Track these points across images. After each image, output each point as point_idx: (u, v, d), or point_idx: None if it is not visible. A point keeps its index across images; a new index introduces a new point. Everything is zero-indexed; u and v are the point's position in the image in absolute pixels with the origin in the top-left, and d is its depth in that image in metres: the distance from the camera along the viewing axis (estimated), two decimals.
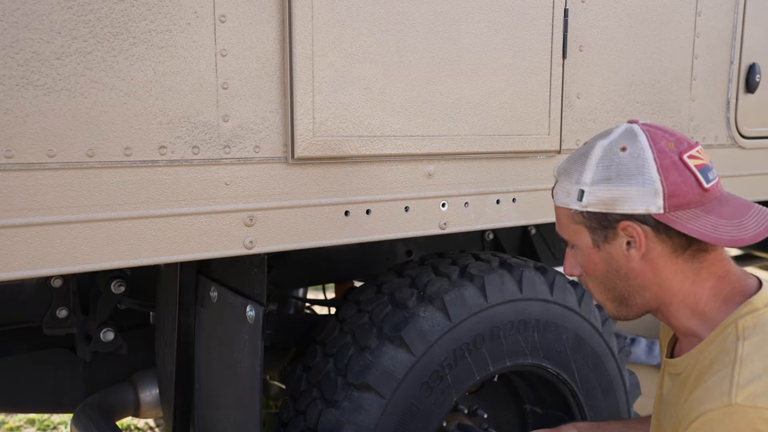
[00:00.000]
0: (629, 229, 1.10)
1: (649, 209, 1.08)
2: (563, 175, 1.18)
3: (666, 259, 1.11)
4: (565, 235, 1.21)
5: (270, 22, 1.36)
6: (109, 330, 1.89)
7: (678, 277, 1.11)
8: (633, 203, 1.08)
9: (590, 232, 1.15)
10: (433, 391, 1.66)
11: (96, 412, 1.93)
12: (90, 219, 1.22)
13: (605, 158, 1.12)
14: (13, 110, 1.14)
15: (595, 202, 1.11)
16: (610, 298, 1.19)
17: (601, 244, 1.14)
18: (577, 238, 1.18)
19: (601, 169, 1.11)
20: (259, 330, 1.48)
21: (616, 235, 1.12)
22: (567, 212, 1.17)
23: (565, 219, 1.19)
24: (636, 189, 1.08)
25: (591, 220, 1.13)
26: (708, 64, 2.15)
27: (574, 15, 1.80)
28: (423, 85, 1.56)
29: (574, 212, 1.15)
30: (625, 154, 1.10)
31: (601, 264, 1.16)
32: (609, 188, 1.10)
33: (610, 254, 1.14)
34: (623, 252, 1.12)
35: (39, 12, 1.14)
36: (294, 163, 1.42)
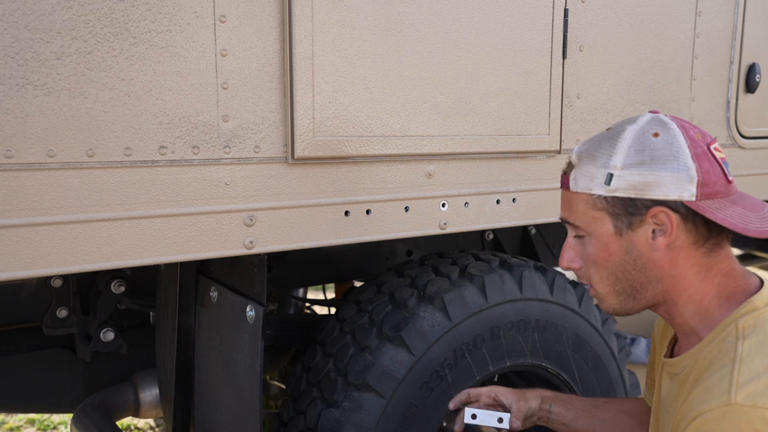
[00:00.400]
0: (660, 216, 1.06)
1: (682, 196, 1.05)
2: (587, 158, 1.12)
3: (686, 250, 1.08)
4: (580, 223, 1.14)
5: (270, 22, 1.36)
6: (109, 330, 1.89)
7: (692, 271, 1.10)
8: (666, 189, 1.05)
9: (613, 219, 1.10)
10: (433, 391, 1.66)
11: (96, 412, 1.93)
12: (90, 219, 1.22)
13: (637, 142, 1.08)
14: (13, 110, 1.14)
15: (624, 186, 1.07)
16: (618, 291, 1.14)
17: (624, 232, 1.09)
18: (594, 225, 1.12)
19: (633, 152, 1.07)
20: (259, 330, 1.48)
21: (643, 222, 1.08)
22: (587, 198, 1.11)
23: (582, 205, 1.12)
24: (670, 174, 1.05)
25: (615, 206, 1.09)
26: (708, 64, 2.15)
27: (574, 15, 1.80)
28: (423, 85, 1.56)
29: (597, 198, 1.10)
30: (658, 139, 1.07)
31: (618, 253, 1.11)
32: (641, 172, 1.06)
33: (632, 243, 1.09)
34: (647, 240, 1.09)
35: (39, 12, 1.14)
36: (294, 163, 1.42)
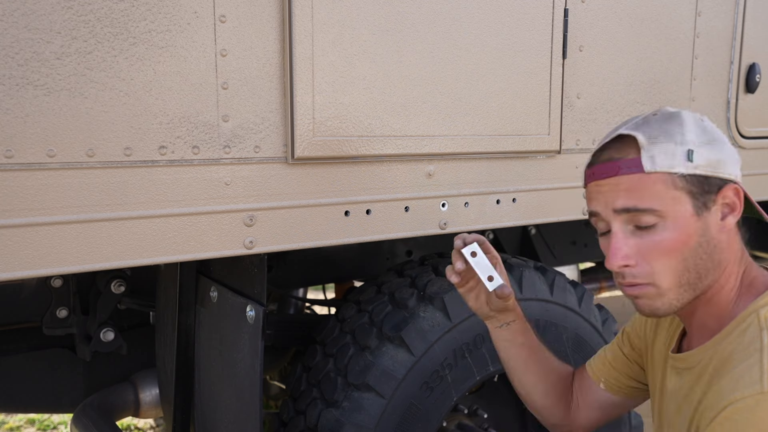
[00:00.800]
0: (730, 194, 1.05)
1: (738, 176, 1.06)
2: (663, 136, 1.05)
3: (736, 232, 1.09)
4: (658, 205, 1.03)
5: (270, 22, 1.36)
6: (109, 330, 1.89)
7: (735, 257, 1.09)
8: (731, 167, 1.06)
9: (692, 199, 1.04)
10: (433, 391, 1.66)
11: (96, 412, 1.93)
12: (90, 219, 1.22)
13: (698, 124, 1.07)
14: (13, 110, 1.14)
15: (704, 163, 1.04)
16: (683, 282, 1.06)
17: (701, 212, 1.04)
18: (674, 207, 1.03)
19: (701, 131, 1.06)
20: (259, 330, 1.48)
21: (715, 201, 1.05)
22: (666, 178, 1.04)
23: (661, 186, 1.03)
24: (730, 154, 1.06)
25: (693, 185, 1.03)
26: (708, 64, 2.15)
27: (574, 15, 1.80)
28: (423, 85, 1.56)
29: (678, 176, 1.03)
30: (709, 123, 1.08)
31: (695, 236, 1.04)
32: (714, 150, 1.05)
33: (707, 224, 1.05)
34: (717, 221, 1.05)
35: (39, 12, 1.14)
36: (294, 163, 1.42)
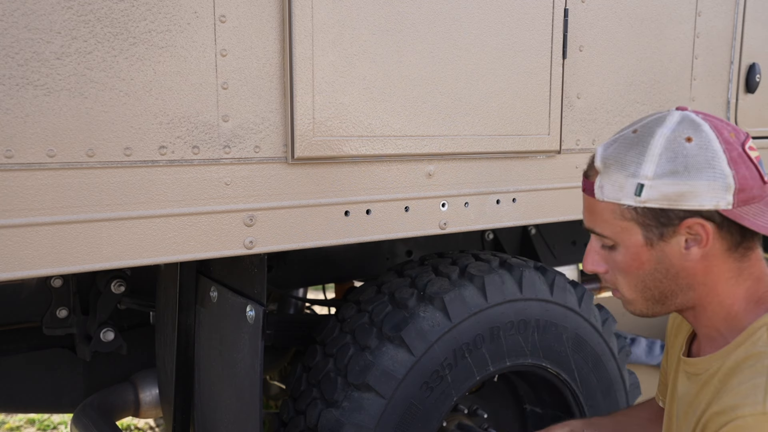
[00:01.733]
0: (696, 227, 1.02)
1: (718, 205, 1.00)
2: (615, 166, 1.05)
3: (720, 257, 1.05)
4: (607, 232, 1.08)
5: (270, 22, 1.36)
6: (109, 330, 1.89)
7: (724, 277, 1.06)
8: (701, 199, 1.00)
9: (643, 230, 1.05)
10: (433, 391, 1.66)
11: (96, 412, 1.93)
12: (90, 219, 1.23)
13: (669, 149, 1.01)
14: (13, 110, 1.14)
15: (656, 197, 1.01)
16: (647, 297, 1.10)
17: (655, 242, 1.05)
18: (623, 236, 1.07)
19: (665, 161, 1.01)
20: (259, 330, 1.48)
21: (676, 232, 1.03)
22: (614, 208, 1.06)
23: (609, 215, 1.07)
24: (705, 183, 0.99)
25: (646, 217, 1.03)
26: (708, 64, 2.15)
27: (574, 15, 1.80)
28: (423, 85, 1.56)
29: (626, 208, 1.04)
30: (691, 145, 1.01)
31: (649, 263, 1.06)
32: (675, 182, 1.00)
33: (664, 253, 1.05)
34: (679, 250, 1.04)
35: (39, 12, 1.14)
36: (294, 163, 1.42)
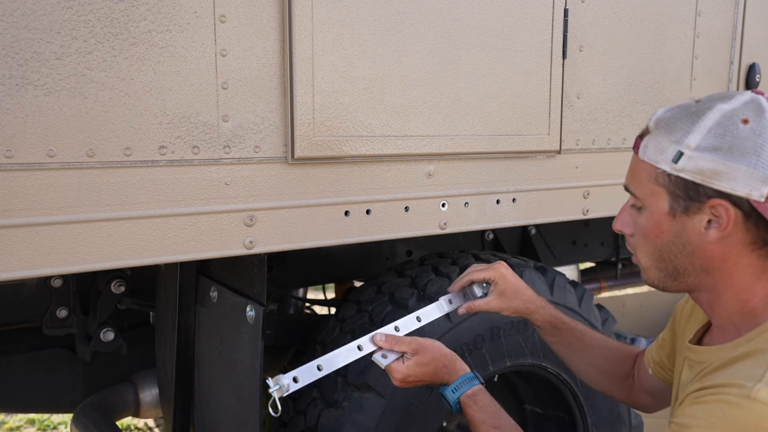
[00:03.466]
0: (719, 209, 0.99)
1: (751, 194, 0.97)
2: (663, 129, 1.04)
3: (741, 248, 1.02)
4: (638, 192, 1.08)
5: (270, 22, 1.36)
6: (109, 330, 1.89)
7: (744, 271, 1.04)
8: (735, 183, 0.97)
9: (670, 198, 1.03)
10: (433, 391, 1.66)
11: (96, 412, 1.93)
12: (90, 219, 1.22)
13: (721, 125, 0.99)
14: (13, 110, 1.14)
15: (692, 169, 0.99)
16: (661, 268, 1.10)
17: (678, 214, 1.03)
18: (651, 199, 1.06)
19: (712, 136, 0.98)
20: (259, 330, 1.48)
21: (700, 210, 1.01)
22: (651, 170, 1.05)
23: (645, 176, 1.06)
24: (745, 169, 0.96)
25: (677, 186, 1.02)
26: (708, 64, 2.15)
27: (574, 15, 1.80)
28: (423, 85, 1.56)
29: (661, 172, 1.03)
30: (746, 127, 0.98)
31: (668, 233, 1.05)
32: (714, 159, 0.98)
33: (684, 227, 1.03)
34: (699, 229, 1.02)
35: (39, 12, 1.14)
36: (294, 163, 1.42)
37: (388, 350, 1.32)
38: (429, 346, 1.32)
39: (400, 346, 1.32)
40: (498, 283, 1.43)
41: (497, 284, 1.43)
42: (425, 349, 1.31)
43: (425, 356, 1.31)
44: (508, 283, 1.43)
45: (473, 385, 1.31)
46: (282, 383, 1.22)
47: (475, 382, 1.32)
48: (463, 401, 1.30)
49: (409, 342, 1.32)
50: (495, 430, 1.26)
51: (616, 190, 2.01)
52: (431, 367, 1.31)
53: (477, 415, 1.28)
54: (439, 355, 1.32)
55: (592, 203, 1.97)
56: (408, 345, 1.31)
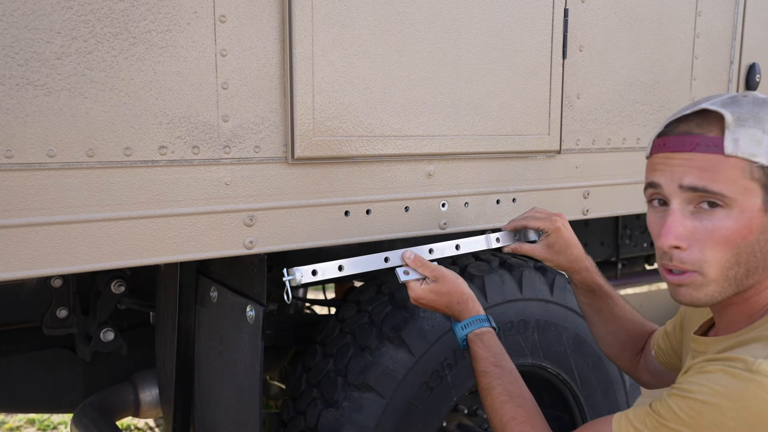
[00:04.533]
0: None
1: None
2: (751, 121, 0.98)
3: None
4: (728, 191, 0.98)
5: (270, 22, 1.36)
6: (109, 330, 1.89)
7: None
8: None
9: (765, 192, 0.97)
10: (433, 391, 1.66)
11: (96, 412, 1.93)
12: (90, 219, 1.23)
13: None
14: (13, 110, 1.14)
15: None
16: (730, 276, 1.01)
17: None
18: (744, 197, 0.97)
19: None
20: (259, 330, 1.48)
21: None
22: (745, 165, 0.97)
23: (738, 172, 0.97)
24: None
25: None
26: (708, 64, 2.15)
27: (574, 15, 1.80)
28: (423, 85, 1.56)
29: (756, 166, 0.96)
30: None
31: (756, 231, 0.98)
32: None
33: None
34: None
35: (39, 12, 1.14)
36: (294, 163, 1.42)
37: (412, 269, 1.38)
38: (449, 278, 1.37)
39: (423, 269, 1.38)
40: (551, 235, 1.47)
41: (549, 236, 1.48)
42: (445, 280, 1.36)
43: (443, 286, 1.36)
44: (560, 238, 1.47)
45: (483, 326, 1.35)
46: (295, 275, 1.28)
47: (485, 324, 1.36)
48: (470, 338, 1.34)
49: (433, 268, 1.37)
50: (495, 368, 1.28)
51: (616, 190, 2.01)
52: (445, 298, 1.36)
53: (480, 352, 1.31)
54: (455, 290, 1.36)
55: (592, 203, 1.97)
56: (431, 271, 1.37)
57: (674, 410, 0.93)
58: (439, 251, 1.44)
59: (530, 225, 1.51)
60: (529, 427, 1.19)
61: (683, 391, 0.94)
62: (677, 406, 0.93)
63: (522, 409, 1.22)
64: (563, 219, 1.49)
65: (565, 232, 1.47)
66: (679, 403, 0.93)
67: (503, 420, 1.21)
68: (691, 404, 0.92)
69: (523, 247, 1.52)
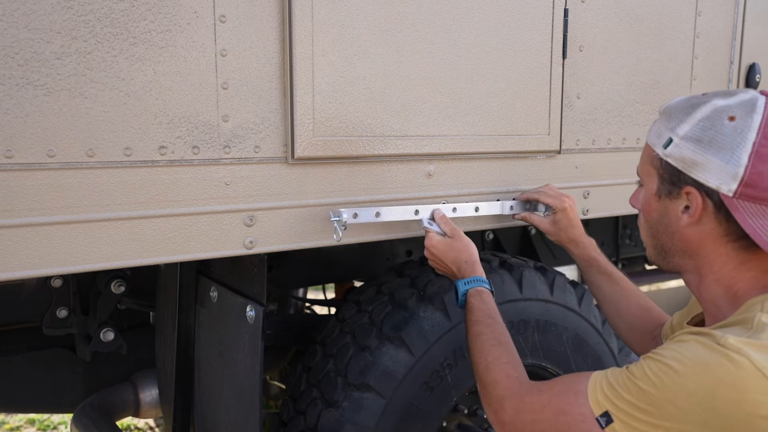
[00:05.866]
0: (691, 197, 1.09)
1: (720, 187, 1.05)
2: (665, 116, 1.15)
3: (715, 239, 1.10)
4: (640, 171, 1.21)
5: (270, 22, 1.36)
6: (109, 330, 1.89)
7: (720, 259, 1.11)
8: (708, 175, 1.05)
9: (659, 181, 1.14)
10: (433, 391, 1.66)
11: (96, 412, 1.93)
12: (90, 219, 1.22)
13: (709, 119, 1.07)
14: (13, 110, 1.14)
15: (677, 156, 1.09)
16: (653, 245, 1.22)
17: (662, 196, 1.14)
18: (646, 179, 1.19)
19: (699, 128, 1.07)
20: (259, 330, 1.48)
21: (679, 195, 1.11)
22: (650, 152, 1.17)
23: (646, 157, 1.18)
24: (718, 163, 1.04)
25: (665, 171, 1.12)
26: (708, 64, 2.15)
27: (574, 15, 1.80)
28: (423, 85, 1.56)
29: (655, 155, 1.14)
30: (730, 124, 1.05)
31: (655, 212, 1.17)
32: (695, 150, 1.07)
33: (667, 209, 1.14)
34: (677, 213, 1.12)
35: (39, 12, 1.14)
36: (294, 163, 1.42)
37: (436, 225, 1.55)
38: (464, 239, 1.52)
39: (445, 226, 1.55)
40: (557, 213, 1.66)
41: (556, 214, 1.66)
42: (461, 239, 1.51)
43: (457, 243, 1.51)
44: (565, 217, 1.65)
45: (485, 286, 1.45)
46: (342, 216, 1.43)
47: (486, 285, 1.46)
48: (470, 292, 1.44)
49: (453, 228, 1.54)
50: (488, 318, 1.37)
51: (616, 190, 2.01)
52: (455, 253, 1.49)
53: (477, 304, 1.40)
54: (466, 251, 1.50)
55: (592, 203, 1.97)
56: (451, 229, 1.54)
57: (645, 370, 1.00)
58: (461, 210, 1.64)
59: (542, 199, 1.68)
60: (511, 368, 1.25)
61: (657, 355, 1.01)
62: (648, 367, 1.00)
63: (507, 353, 1.30)
64: (571, 200, 1.67)
65: (570, 213, 1.66)
66: (651, 365, 1.00)
67: (488, 360, 1.28)
68: (660, 366, 0.99)
69: (531, 217, 1.71)
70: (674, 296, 3.07)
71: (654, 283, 3.20)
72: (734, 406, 0.91)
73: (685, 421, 0.95)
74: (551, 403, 1.12)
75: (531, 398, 1.16)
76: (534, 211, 1.72)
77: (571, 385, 1.11)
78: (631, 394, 1.00)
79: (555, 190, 1.71)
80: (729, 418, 0.92)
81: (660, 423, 0.97)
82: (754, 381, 0.91)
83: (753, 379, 0.91)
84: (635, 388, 1.00)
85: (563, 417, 1.09)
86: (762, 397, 0.91)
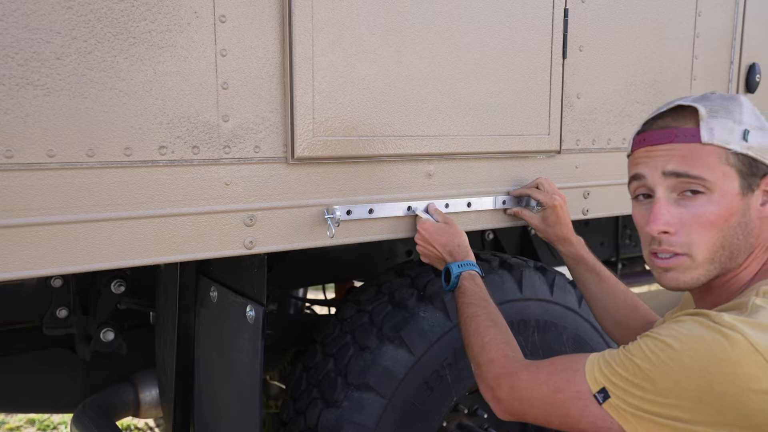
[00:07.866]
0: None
1: None
2: (722, 112, 1.08)
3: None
4: (709, 176, 1.06)
5: (270, 22, 1.36)
6: (109, 330, 1.89)
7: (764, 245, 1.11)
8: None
9: (740, 177, 1.07)
10: (433, 391, 1.66)
11: (96, 412, 1.93)
12: (90, 219, 1.22)
13: (753, 108, 1.09)
14: (13, 110, 1.14)
15: (756, 146, 1.07)
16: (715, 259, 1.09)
17: (746, 192, 1.07)
18: (723, 181, 1.06)
19: (755, 116, 1.09)
20: (259, 330, 1.48)
21: (758, 186, 1.08)
22: (720, 152, 1.06)
23: (714, 159, 1.06)
24: None
25: (744, 164, 1.07)
26: (708, 64, 2.15)
27: (574, 15, 1.80)
28: (423, 85, 1.56)
29: (731, 153, 1.06)
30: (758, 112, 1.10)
31: (737, 214, 1.07)
32: (764, 135, 1.07)
33: (749, 205, 1.08)
34: (757, 206, 1.09)
35: (39, 12, 1.14)
36: (294, 163, 1.42)
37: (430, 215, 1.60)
38: (457, 227, 1.56)
39: (439, 215, 1.59)
40: (546, 210, 1.69)
41: (546, 211, 1.69)
42: (453, 226, 1.56)
43: (450, 228, 1.55)
44: (554, 215, 1.68)
45: (477, 270, 1.50)
46: (335, 213, 1.45)
47: (479, 270, 1.50)
48: (463, 275, 1.47)
49: (446, 216, 1.60)
50: (482, 300, 1.40)
51: (616, 190, 2.01)
52: (447, 237, 1.53)
53: (470, 287, 1.44)
54: (459, 235, 1.54)
55: (592, 203, 1.97)
56: (444, 217, 1.59)
57: (641, 347, 1.01)
58: (453, 206, 1.66)
59: (534, 195, 1.71)
60: (507, 348, 1.26)
61: (654, 333, 1.02)
62: (645, 344, 1.01)
63: (503, 333, 1.31)
64: (562, 199, 1.70)
65: (560, 210, 1.68)
66: (648, 342, 1.01)
67: (484, 341, 1.29)
68: (657, 343, 0.99)
69: (522, 212, 1.74)
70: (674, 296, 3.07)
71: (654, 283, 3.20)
72: (728, 380, 0.92)
73: (680, 396, 0.95)
74: (548, 381, 1.12)
75: (528, 375, 1.16)
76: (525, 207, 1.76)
77: (568, 364, 1.11)
78: (627, 371, 1.01)
79: (550, 186, 1.73)
80: (723, 393, 0.93)
81: (656, 399, 0.98)
82: (747, 356, 0.92)
83: (746, 354, 0.92)
84: (631, 364, 1.01)
85: (560, 394, 1.09)
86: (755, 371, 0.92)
